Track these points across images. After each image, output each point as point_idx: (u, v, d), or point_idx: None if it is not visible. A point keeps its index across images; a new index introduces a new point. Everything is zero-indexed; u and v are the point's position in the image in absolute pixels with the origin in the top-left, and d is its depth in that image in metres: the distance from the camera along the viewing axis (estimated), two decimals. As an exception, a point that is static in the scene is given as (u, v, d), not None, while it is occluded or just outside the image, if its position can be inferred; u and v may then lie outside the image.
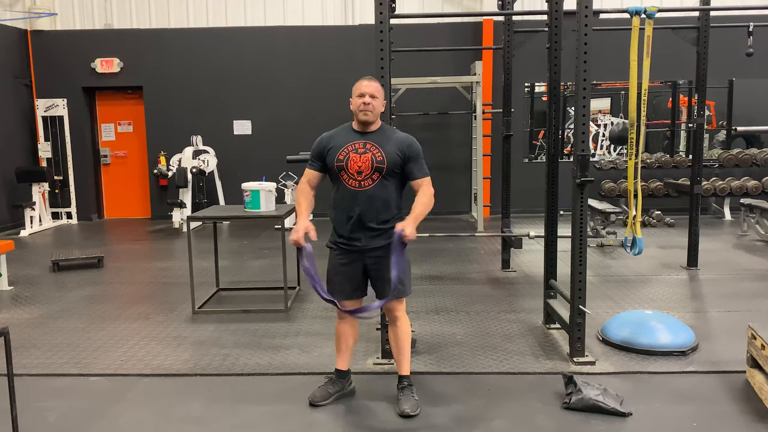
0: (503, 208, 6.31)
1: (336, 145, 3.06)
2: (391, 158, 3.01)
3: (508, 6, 5.82)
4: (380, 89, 3.10)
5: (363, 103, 3.01)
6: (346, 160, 3.01)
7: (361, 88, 3.05)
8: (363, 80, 3.09)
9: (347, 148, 3.03)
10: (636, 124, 4.03)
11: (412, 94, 9.19)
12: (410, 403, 3.09)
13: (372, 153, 3.01)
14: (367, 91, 3.03)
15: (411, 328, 3.96)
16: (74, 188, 10.17)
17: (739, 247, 7.25)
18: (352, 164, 3.00)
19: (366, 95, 3.02)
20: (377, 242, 3.04)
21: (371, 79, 3.12)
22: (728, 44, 7.49)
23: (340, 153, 3.03)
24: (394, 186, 3.08)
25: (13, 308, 5.19)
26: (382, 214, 3.03)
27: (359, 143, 3.04)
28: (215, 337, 4.32)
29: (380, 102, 3.08)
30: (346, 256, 3.10)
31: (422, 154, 3.11)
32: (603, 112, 12.17)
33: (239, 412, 3.18)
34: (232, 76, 10.09)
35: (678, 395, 3.27)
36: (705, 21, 5.77)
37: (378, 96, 3.06)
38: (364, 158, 3.00)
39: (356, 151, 3.02)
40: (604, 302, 4.99)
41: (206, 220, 6.80)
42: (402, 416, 3.04)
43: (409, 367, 3.24)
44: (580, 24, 3.51)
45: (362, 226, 3.03)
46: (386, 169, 3.00)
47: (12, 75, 9.76)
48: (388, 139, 3.06)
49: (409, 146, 3.07)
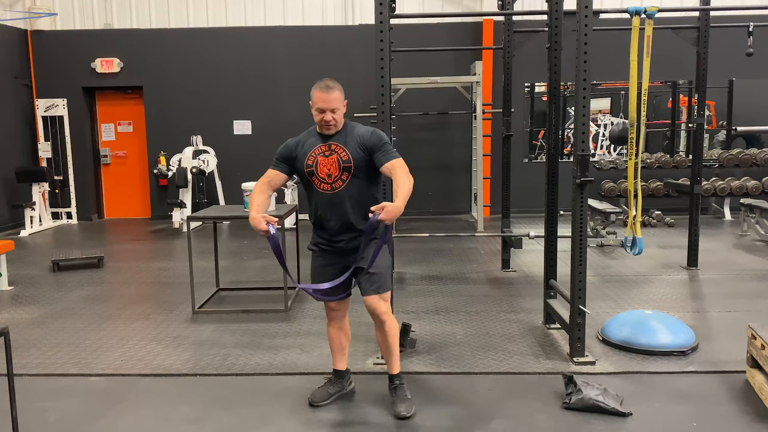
0: (503, 208, 6.31)
1: (303, 151, 3.01)
2: (356, 155, 2.95)
3: (508, 6, 5.82)
4: (339, 97, 2.94)
5: (324, 120, 2.92)
6: (315, 165, 2.97)
7: (320, 102, 2.91)
8: (319, 91, 2.91)
9: (314, 152, 2.98)
10: (636, 124, 4.03)
11: (412, 94, 9.19)
12: (405, 405, 3.08)
13: (337, 154, 2.96)
14: (327, 107, 2.90)
15: (412, 328, 4.00)
16: (74, 188, 10.18)
17: (739, 247, 7.25)
18: (321, 168, 2.96)
19: (327, 111, 2.90)
20: (359, 241, 2.99)
21: (329, 88, 2.91)
22: (728, 44, 7.49)
23: (308, 158, 2.99)
24: (367, 182, 3.01)
25: (13, 308, 5.19)
26: (360, 212, 2.97)
27: (324, 146, 2.98)
28: (215, 337, 4.32)
29: (342, 110, 2.97)
30: (328, 257, 3.08)
31: (387, 140, 3.01)
32: (603, 112, 12.16)
33: (239, 412, 3.18)
34: (232, 76, 10.09)
35: (678, 395, 3.27)
36: (705, 21, 5.77)
37: (339, 106, 2.93)
38: (330, 160, 2.96)
39: (323, 155, 2.97)
40: (604, 302, 4.99)
41: (206, 220, 6.80)
42: (398, 418, 3.03)
43: (399, 365, 3.21)
44: (580, 24, 3.52)
45: (344, 228, 3.00)
46: (353, 167, 2.95)
47: (12, 75, 9.76)
48: (351, 137, 2.98)
49: (369, 138, 2.97)
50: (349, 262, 3.04)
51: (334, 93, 2.92)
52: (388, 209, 2.68)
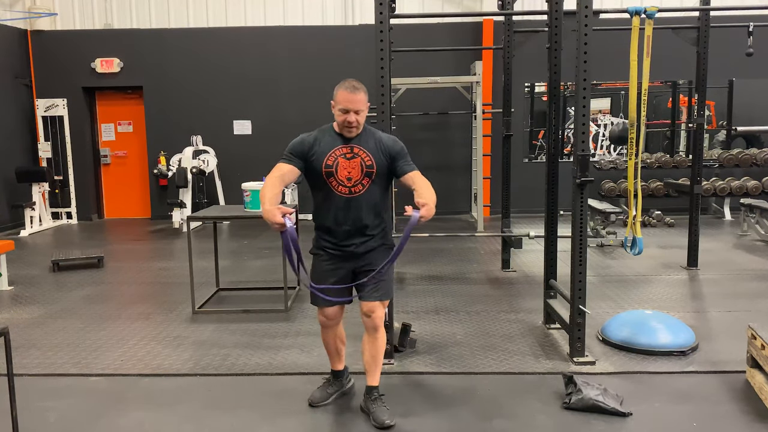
0: (503, 208, 6.31)
1: (321, 150, 2.88)
2: (379, 162, 2.90)
3: (508, 6, 5.82)
4: (364, 99, 2.86)
5: (347, 121, 2.83)
6: (335, 166, 2.87)
7: (345, 102, 2.81)
8: (346, 91, 2.82)
9: (335, 152, 2.87)
10: (636, 124, 4.03)
11: (412, 94, 9.19)
12: (387, 414, 3.00)
13: (361, 158, 2.88)
14: (353, 107, 2.81)
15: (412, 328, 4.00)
16: (74, 188, 10.18)
17: (739, 247, 7.25)
18: (341, 170, 2.87)
19: (351, 112, 2.82)
20: (370, 245, 2.98)
21: (355, 89, 2.83)
22: (728, 44, 7.49)
23: (328, 158, 2.87)
24: (383, 189, 2.99)
25: (13, 308, 5.19)
26: (374, 218, 2.96)
27: (346, 148, 2.88)
28: (215, 337, 4.32)
29: (365, 113, 2.88)
30: (335, 261, 2.99)
31: (406, 150, 2.99)
32: (603, 112, 12.17)
33: (239, 412, 3.18)
34: (232, 76, 10.09)
35: (678, 395, 3.27)
36: (705, 21, 5.77)
37: (363, 108, 2.85)
38: (353, 163, 2.87)
39: (344, 156, 2.87)
40: (604, 302, 4.99)
41: (206, 220, 6.80)
42: (382, 428, 2.95)
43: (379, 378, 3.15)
44: (580, 24, 3.52)
45: (356, 232, 2.94)
46: (375, 174, 2.90)
47: (12, 75, 9.76)
48: (373, 142, 2.92)
49: (393, 146, 2.93)
50: (355, 266, 2.99)
51: (360, 94, 2.84)
52: (429, 207, 2.62)
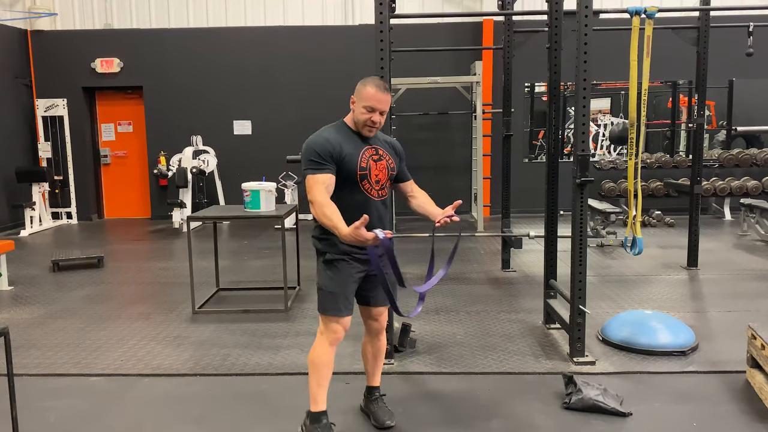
0: (503, 208, 6.31)
1: (349, 151, 2.68)
2: (396, 164, 2.85)
3: (508, 6, 5.82)
4: (390, 101, 2.79)
5: (371, 121, 2.67)
6: (368, 169, 2.71)
7: (373, 101, 2.65)
8: (377, 90, 2.66)
9: (364, 154, 2.72)
10: (636, 124, 4.03)
11: (412, 94, 9.19)
12: (388, 414, 3.01)
13: (386, 160, 2.78)
14: (380, 107, 2.66)
15: (412, 328, 4.00)
16: (74, 188, 10.18)
17: (739, 247, 7.25)
18: (373, 173, 2.72)
19: (376, 112, 2.67)
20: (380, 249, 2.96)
21: (386, 89, 2.70)
22: (728, 44, 7.49)
23: (361, 160, 2.69)
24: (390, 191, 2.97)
25: (13, 308, 5.19)
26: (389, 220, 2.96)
27: (371, 150, 2.75)
28: (215, 337, 4.32)
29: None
30: (361, 266, 2.78)
31: None
32: (603, 112, 12.17)
33: (239, 412, 3.18)
34: (232, 76, 10.09)
35: (678, 395, 3.27)
36: (705, 21, 5.77)
37: (387, 110, 2.73)
38: (380, 165, 2.75)
39: (372, 159, 2.74)
40: (604, 302, 4.99)
41: (206, 220, 6.79)
42: (382, 428, 2.96)
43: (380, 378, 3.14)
44: (580, 24, 3.52)
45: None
46: (395, 176, 2.86)
47: (12, 75, 9.76)
48: (386, 144, 2.86)
49: (399, 149, 2.91)
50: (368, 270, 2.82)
51: (389, 95, 2.73)
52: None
